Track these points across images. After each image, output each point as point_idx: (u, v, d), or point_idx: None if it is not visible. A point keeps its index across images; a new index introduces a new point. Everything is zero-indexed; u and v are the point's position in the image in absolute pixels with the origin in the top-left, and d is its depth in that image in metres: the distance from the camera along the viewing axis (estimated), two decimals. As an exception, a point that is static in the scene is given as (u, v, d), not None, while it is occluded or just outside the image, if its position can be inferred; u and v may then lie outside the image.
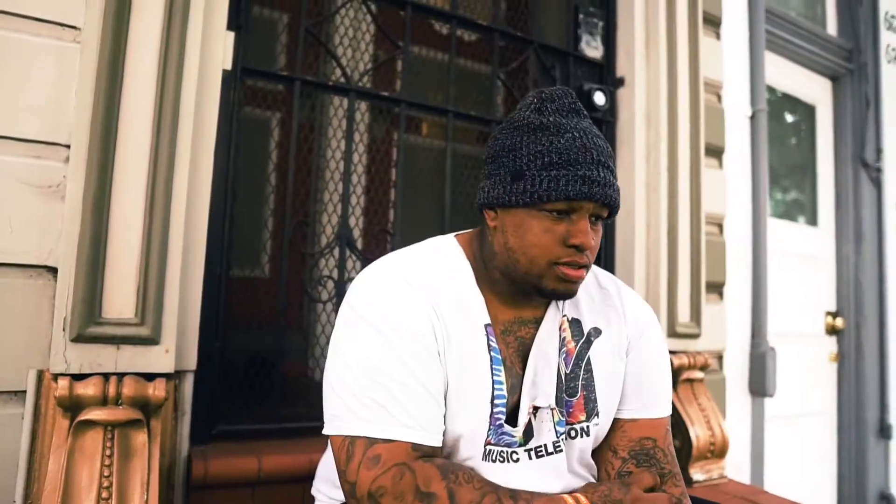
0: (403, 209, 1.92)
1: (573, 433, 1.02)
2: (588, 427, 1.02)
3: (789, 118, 3.58)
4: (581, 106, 1.00)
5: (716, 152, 2.59)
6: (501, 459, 0.97)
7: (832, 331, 3.42)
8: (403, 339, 0.92)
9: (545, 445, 1.00)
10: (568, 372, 1.03)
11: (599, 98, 2.29)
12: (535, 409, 0.99)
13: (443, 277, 0.99)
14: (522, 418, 0.98)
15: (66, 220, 1.30)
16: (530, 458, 0.99)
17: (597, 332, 1.07)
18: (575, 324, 1.06)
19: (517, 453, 0.98)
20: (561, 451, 1.01)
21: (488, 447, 0.96)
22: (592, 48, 2.38)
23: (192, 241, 1.46)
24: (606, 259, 2.33)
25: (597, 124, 2.34)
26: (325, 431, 0.93)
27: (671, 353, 2.18)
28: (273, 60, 1.87)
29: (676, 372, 2.18)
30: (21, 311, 1.31)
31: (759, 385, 2.82)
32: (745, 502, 2.00)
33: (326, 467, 1.15)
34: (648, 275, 2.26)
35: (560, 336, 1.04)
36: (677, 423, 2.13)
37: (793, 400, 3.14)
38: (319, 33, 1.87)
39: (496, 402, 0.97)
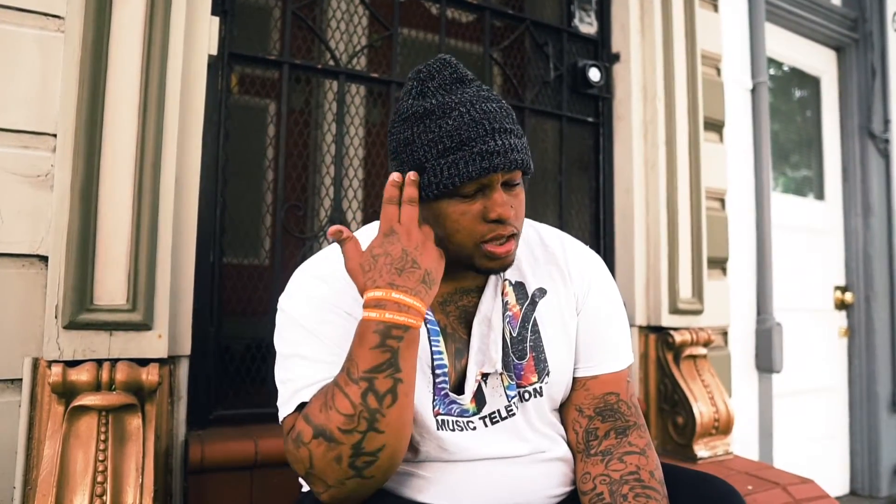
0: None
1: (526, 395, 1.02)
2: (540, 388, 1.02)
3: (793, 91, 3.52)
4: (465, 72, 0.97)
5: (715, 126, 2.56)
6: (460, 428, 0.98)
7: (841, 305, 3.38)
8: (321, 316, 0.95)
9: (498, 411, 1.00)
10: (515, 335, 1.02)
11: (594, 74, 2.26)
12: (485, 375, 1.00)
13: None
14: (470, 385, 0.98)
15: (54, 209, 1.31)
16: (486, 425, 0.99)
17: (542, 292, 1.06)
18: (518, 287, 1.06)
19: (472, 422, 0.99)
20: (514, 414, 1.01)
21: (439, 417, 0.97)
22: (586, 24, 2.35)
23: (182, 226, 1.47)
24: (605, 237, 2.31)
25: (592, 101, 2.34)
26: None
27: (673, 329, 2.17)
28: (262, 45, 1.86)
29: (679, 348, 2.16)
30: (15, 301, 1.32)
31: (766, 361, 2.80)
32: (750, 478, 1.98)
33: None
34: (648, 251, 2.24)
35: (503, 301, 1.03)
36: (680, 400, 2.12)
37: (802, 375, 3.11)
38: (308, 16, 1.86)
39: (437, 371, 0.98)
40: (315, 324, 0.95)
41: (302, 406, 0.91)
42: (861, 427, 3.34)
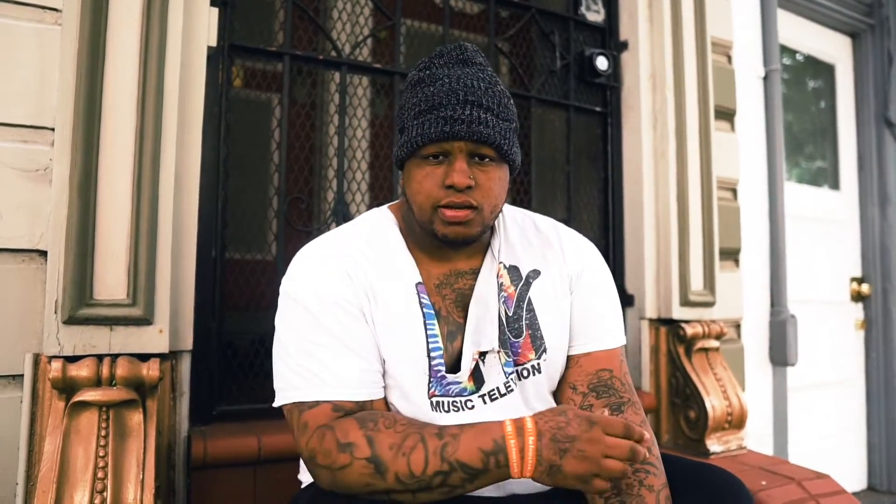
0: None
1: (525, 373, 1.03)
2: (538, 364, 1.04)
3: (807, 79, 3.45)
4: (473, 56, 1.01)
5: (727, 115, 2.51)
6: (455, 409, 1.00)
7: (858, 297, 3.32)
8: (323, 305, 0.97)
9: (497, 388, 1.02)
10: (511, 314, 1.05)
11: (602, 63, 2.22)
12: (482, 354, 1.01)
13: (371, 245, 1.04)
14: (466, 364, 1.00)
15: (53, 204, 1.30)
16: (485, 402, 1.01)
17: (536, 273, 1.09)
18: (513, 270, 1.08)
19: (471, 401, 1.01)
20: (512, 390, 1.02)
21: (434, 399, 0.99)
22: (593, 12, 2.31)
23: (182, 220, 1.45)
24: (615, 228, 2.27)
25: (600, 90, 2.30)
26: (273, 404, 0.99)
27: (684, 322, 2.13)
28: (262, 36, 1.83)
29: (690, 341, 2.12)
30: (15, 296, 1.32)
31: (780, 354, 2.75)
32: (765, 473, 1.94)
33: None
34: (658, 242, 2.20)
35: (498, 282, 1.05)
36: (692, 394, 2.08)
37: (818, 369, 3.05)
38: (309, 7, 1.84)
39: (432, 354, 0.99)
40: (326, 315, 0.96)
41: (332, 404, 0.92)
42: (879, 421, 3.28)
